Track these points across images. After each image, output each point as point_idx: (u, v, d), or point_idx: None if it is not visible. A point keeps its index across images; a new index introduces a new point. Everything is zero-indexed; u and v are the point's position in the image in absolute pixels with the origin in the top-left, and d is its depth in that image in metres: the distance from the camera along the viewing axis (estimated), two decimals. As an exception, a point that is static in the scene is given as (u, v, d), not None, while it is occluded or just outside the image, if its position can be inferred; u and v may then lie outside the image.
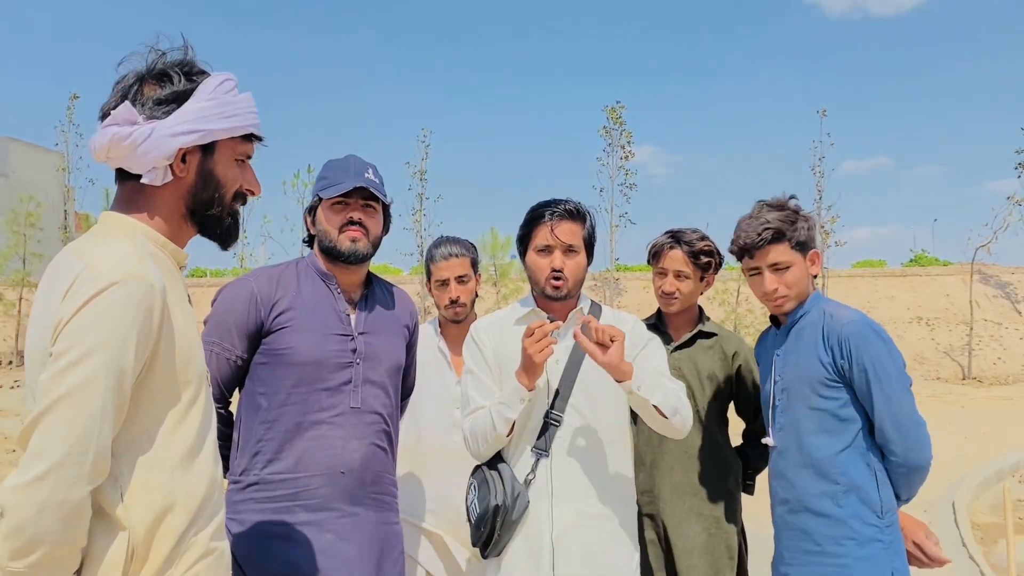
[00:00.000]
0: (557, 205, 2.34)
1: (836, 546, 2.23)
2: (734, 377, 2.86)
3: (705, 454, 2.77)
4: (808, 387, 2.31)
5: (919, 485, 2.30)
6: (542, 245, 2.33)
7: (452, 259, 2.94)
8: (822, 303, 2.39)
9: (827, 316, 2.32)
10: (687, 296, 2.81)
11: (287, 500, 2.15)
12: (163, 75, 1.50)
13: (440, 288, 2.96)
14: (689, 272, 2.79)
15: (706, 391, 2.78)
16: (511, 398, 2.24)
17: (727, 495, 2.78)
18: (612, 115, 22.35)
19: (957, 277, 23.39)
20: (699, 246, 2.78)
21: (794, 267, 2.36)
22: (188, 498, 1.44)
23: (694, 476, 2.76)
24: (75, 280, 1.34)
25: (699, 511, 2.74)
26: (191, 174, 1.53)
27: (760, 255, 2.37)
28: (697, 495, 2.75)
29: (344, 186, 2.24)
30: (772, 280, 2.36)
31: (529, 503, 2.27)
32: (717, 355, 2.84)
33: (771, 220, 2.34)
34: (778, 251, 2.34)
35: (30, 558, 1.28)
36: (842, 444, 2.26)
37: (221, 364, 2.19)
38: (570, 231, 2.32)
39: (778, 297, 2.37)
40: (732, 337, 2.90)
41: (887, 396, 2.21)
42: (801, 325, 2.38)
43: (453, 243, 2.99)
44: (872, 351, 2.22)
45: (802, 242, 2.37)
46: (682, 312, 2.86)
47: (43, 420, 1.29)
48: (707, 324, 2.89)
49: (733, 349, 2.86)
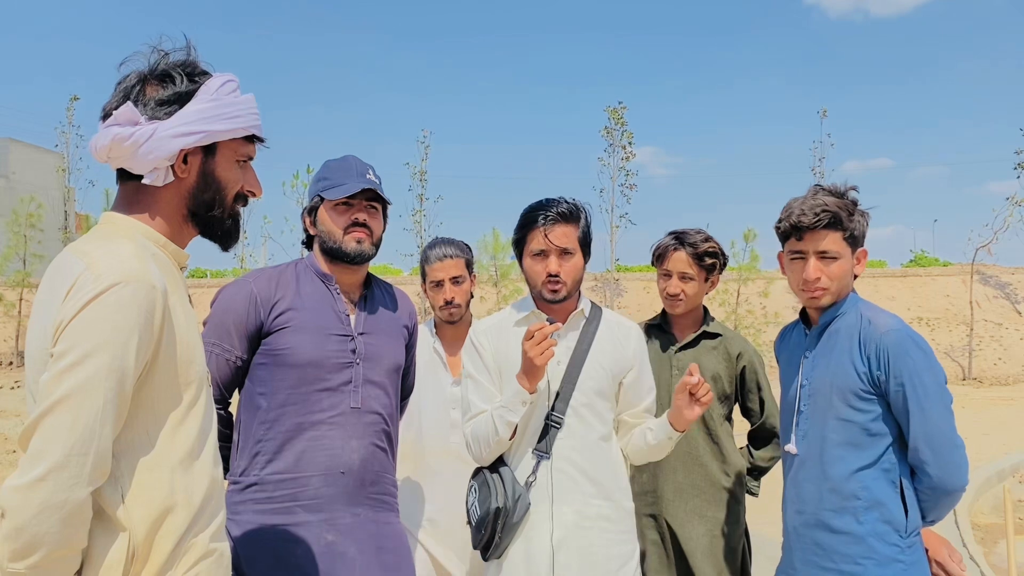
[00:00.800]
0: (550, 208, 2.32)
1: (853, 565, 2.11)
2: (738, 378, 2.84)
3: (709, 455, 2.76)
4: (839, 396, 2.15)
5: (950, 508, 2.17)
6: (537, 250, 2.32)
7: (447, 260, 2.93)
8: (860, 306, 2.23)
9: (865, 321, 2.16)
10: (692, 298, 2.79)
11: (287, 500, 2.15)
12: (165, 76, 1.50)
13: (435, 289, 2.96)
14: (694, 273, 2.77)
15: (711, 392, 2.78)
16: (513, 402, 2.23)
17: (731, 497, 2.77)
18: (614, 116, 22.37)
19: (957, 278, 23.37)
20: (703, 247, 2.76)
21: (841, 260, 2.19)
22: (189, 499, 1.44)
23: (698, 477, 2.74)
24: (76, 281, 1.34)
25: (702, 513, 2.73)
26: (192, 175, 1.53)
27: (810, 238, 2.18)
28: (700, 496, 2.74)
29: (350, 188, 2.24)
30: (816, 268, 2.18)
31: (530, 505, 2.27)
32: (722, 356, 2.82)
33: (830, 204, 2.17)
34: (831, 239, 2.17)
35: (30, 559, 1.27)
36: (869, 459, 2.12)
37: (220, 365, 2.19)
38: (564, 234, 2.31)
39: (817, 288, 2.20)
40: (736, 338, 2.88)
41: (925, 414, 2.06)
42: (835, 327, 2.22)
43: (447, 244, 2.98)
44: (912, 364, 2.07)
45: (855, 236, 2.20)
46: (687, 313, 2.85)
47: (44, 421, 1.29)
48: (712, 324, 2.87)
49: (738, 350, 2.84)
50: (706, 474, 2.75)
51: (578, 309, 2.40)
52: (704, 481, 2.75)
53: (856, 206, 2.22)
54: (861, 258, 2.25)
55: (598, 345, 2.36)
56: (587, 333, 2.37)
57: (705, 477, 2.75)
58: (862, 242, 2.24)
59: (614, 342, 2.39)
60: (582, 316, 2.40)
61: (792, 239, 2.24)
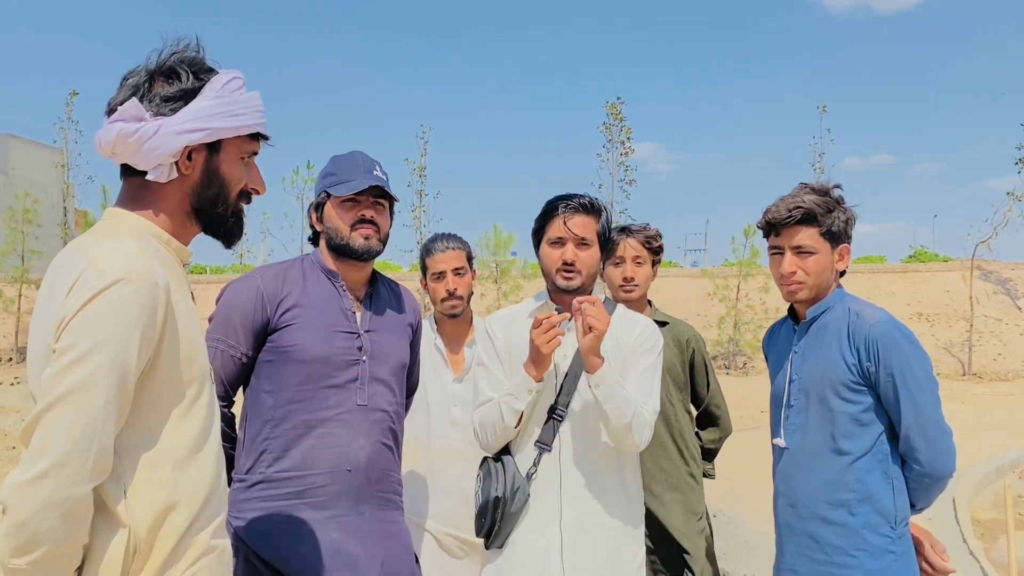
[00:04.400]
0: (571, 199, 2.35)
1: (846, 557, 2.14)
2: (688, 363, 3.00)
3: (668, 442, 2.90)
4: (830, 388, 2.20)
5: (938, 495, 2.23)
6: (555, 237, 2.34)
7: (449, 251, 2.95)
8: (847, 300, 2.28)
9: (853, 315, 2.21)
10: (644, 281, 2.99)
11: (293, 498, 2.14)
12: (172, 72, 1.49)
13: (436, 281, 2.96)
14: (645, 257, 2.98)
15: (667, 380, 2.85)
16: (519, 389, 2.24)
17: (692, 480, 2.94)
18: (612, 111, 22.36)
19: (957, 273, 23.40)
20: (649, 232, 3.00)
21: (818, 255, 2.24)
22: (191, 496, 1.44)
23: (664, 461, 2.90)
24: (79, 277, 1.34)
25: (671, 496, 2.89)
26: (196, 172, 1.52)
27: (786, 234, 2.26)
28: (668, 480, 2.89)
29: (358, 184, 2.23)
30: (791, 263, 2.25)
31: (529, 496, 2.27)
32: (672, 343, 2.96)
33: (806, 201, 2.23)
34: (805, 234, 2.23)
35: (31, 555, 1.27)
36: (860, 450, 2.17)
37: (226, 361, 2.18)
38: (584, 224, 2.33)
39: (793, 282, 2.26)
40: (682, 325, 3.05)
41: (915, 403, 2.12)
42: (823, 322, 2.27)
43: (448, 238, 3.01)
44: (901, 355, 2.12)
45: (834, 232, 2.25)
46: (638, 300, 2.99)
47: (45, 417, 1.28)
48: (657, 313, 3.03)
49: (686, 336, 3.01)
50: (669, 458, 2.91)
51: None
52: (669, 464, 2.90)
53: (838, 204, 2.27)
54: (844, 254, 2.30)
55: (606, 340, 2.35)
56: None
57: (669, 460, 2.91)
58: (844, 239, 2.28)
59: (619, 336, 2.38)
60: None
61: (771, 235, 2.32)
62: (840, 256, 2.29)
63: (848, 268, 2.34)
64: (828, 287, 2.29)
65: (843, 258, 2.30)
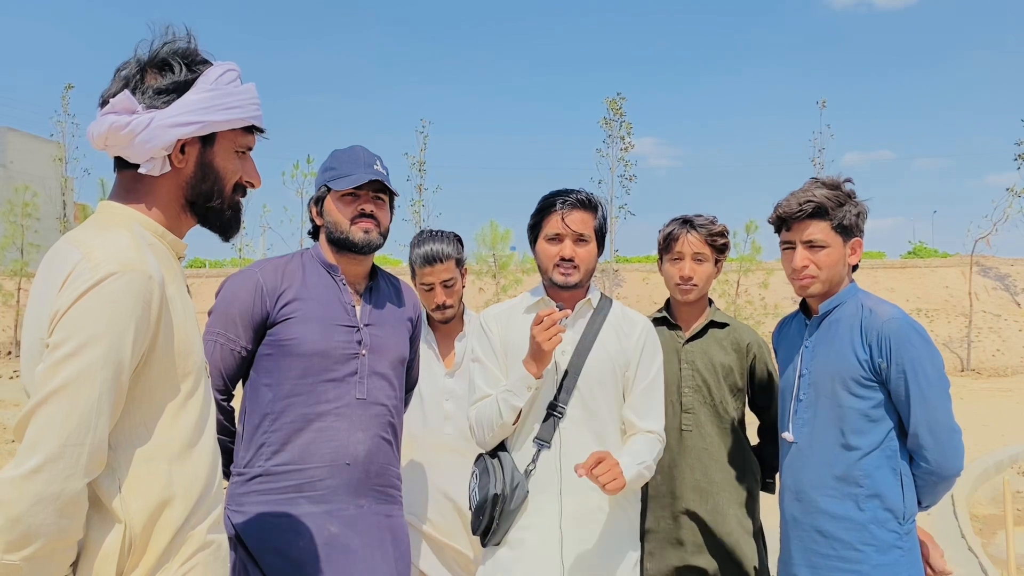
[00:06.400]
0: (568, 195, 2.34)
1: (853, 551, 2.14)
2: (748, 370, 2.73)
3: (723, 453, 2.65)
4: (840, 384, 2.19)
5: (944, 493, 2.22)
6: (552, 233, 2.32)
7: (436, 264, 2.82)
8: (860, 295, 2.27)
9: (865, 310, 2.20)
10: (704, 281, 2.68)
11: (292, 492, 2.14)
12: (165, 64, 1.48)
13: (426, 292, 2.87)
14: (707, 254, 2.67)
15: (722, 386, 2.66)
16: (518, 386, 2.23)
17: (748, 494, 2.67)
18: (612, 106, 22.33)
19: (956, 269, 23.37)
20: (715, 228, 2.69)
21: (830, 249, 2.23)
22: (186, 491, 1.43)
23: (716, 475, 2.63)
24: (73, 270, 1.33)
25: (723, 511, 2.62)
26: (190, 165, 1.51)
27: (797, 228, 2.25)
28: (720, 495, 2.62)
29: (358, 178, 2.22)
30: (803, 257, 2.24)
31: (528, 493, 2.26)
32: (731, 347, 2.71)
33: (816, 195, 2.22)
34: (816, 228, 2.22)
35: (26, 551, 1.26)
36: (870, 446, 2.16)
37: (225, 355, 2.18)
38: (581, 220, 2.31)
39: (805, 276, 2.25)
40: (745, 328, 2.78)
41: (926, 401, 2.10)
42: (835, 317, 2.26)
43: (436, 241, 2.85)
44: (914, 352, 2.11)
45: (845, 226, 2.23)
46: (695, 302, 2.72)
47: (39, 411, 1.28)
48: (718, 314, 2.75)
49: (747, 340, 2.73)
50: (723, 472, 2.64)
51: (587, 299, 2.39)
52: (721, 479, 2.63)
53: (850, 197, 2.26)
54: (856, 248, 2.28)
55: (603, 336, 2.35)
56: (594, 323, 2.36)
57: (722, 475, 2.64)
58: (856, 232, 2.27)
59: (619, 334, 2.37)
60: (590, 306, 2.39)
61: (783, 230, 2.31)
62: (852, 250, 2.29)
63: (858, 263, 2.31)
64: (840, 281, 2.29)
65: (855, 252, 2.29)
